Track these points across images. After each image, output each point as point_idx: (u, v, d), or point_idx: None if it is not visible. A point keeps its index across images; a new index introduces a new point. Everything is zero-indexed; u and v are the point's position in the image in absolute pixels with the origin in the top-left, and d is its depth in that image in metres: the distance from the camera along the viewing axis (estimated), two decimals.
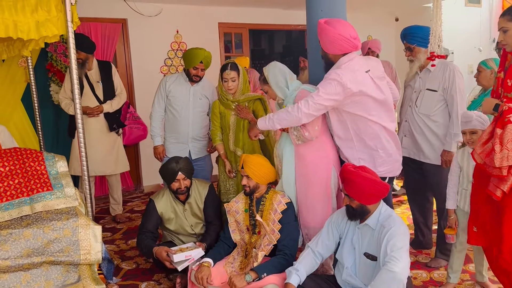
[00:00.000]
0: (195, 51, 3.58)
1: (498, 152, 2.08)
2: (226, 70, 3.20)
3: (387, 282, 2.09)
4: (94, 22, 5.01)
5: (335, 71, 2.53)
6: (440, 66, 3.09)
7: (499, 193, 2.15)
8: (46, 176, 2.98)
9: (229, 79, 3.19)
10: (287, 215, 2.70)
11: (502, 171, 2.09)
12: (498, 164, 2.08)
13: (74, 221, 2.76)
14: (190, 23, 5.60)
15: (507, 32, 2.20)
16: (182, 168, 3.05)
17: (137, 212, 4.74)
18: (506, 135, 2.08)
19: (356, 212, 2.30)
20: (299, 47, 6.53)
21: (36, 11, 2.69)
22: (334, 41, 2.55)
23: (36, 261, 2.65)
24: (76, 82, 2.89)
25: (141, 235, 3.11)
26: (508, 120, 2.08)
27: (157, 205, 3.15)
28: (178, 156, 3.17)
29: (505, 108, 2.12)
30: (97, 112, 4.08)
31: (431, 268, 3.18)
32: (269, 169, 2.79)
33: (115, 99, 4.21)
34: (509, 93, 2.19)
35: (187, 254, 2.84)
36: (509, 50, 2.24)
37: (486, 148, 2.19)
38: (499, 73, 2.32)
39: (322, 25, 2.58)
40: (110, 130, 4.21)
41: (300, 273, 2.37)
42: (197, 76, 3.60)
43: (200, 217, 3.20)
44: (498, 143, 2.10)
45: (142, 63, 5.38)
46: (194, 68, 3.57)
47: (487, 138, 2.20)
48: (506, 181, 2.11)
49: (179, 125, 3.67)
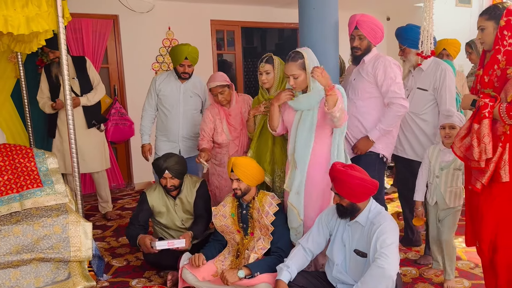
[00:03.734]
0: (178, 47, 3.53)
1: (476, 146, 2.19)
2: (261, 63, 3.05)
3: (376, 278, 2.12)
4: (85, 18, 4.97)
5: (387, 58, 2.92)
6: (433, 65, 3.12)
7: (478, 185, 2.25)
8: (36, 173, 2.96)
9: (263, 72, 3.03)
10: (279, 217, 2.69)
11: (480, 163, 2.19)
12: (477, 157, 2.19)
13: (64, 218, 2.75)
14: (182, 20, 5.58)
15: (484, 30, 2.29)
16: (169, 167, 3.02)
17: (128, 210, 4.72)
18: (482, 130, 2.17)
19: (346, 210, 2.32)
20: (291, 46, 6.52)
21: (27, 6, 2.68)
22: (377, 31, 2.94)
23: (25, 258, 2.63)
24: (66, 78, 2.88)
25: (130, 225, 3.17)
26: (483, 115, 2.17)
27: (149, 198, 3.16)
28: (171, 154, 3.15)
29: (481, 103, 2.20)
30: (74, 105, 3.90)
31: (420, 265, 3.20)
32: (257, 170, 2.77)
33: (91, 92, 4.07)
34: (485, 88, 2.28)
35: (170, 242, 2.88)
36: (486, 49, 2.33)
37: (465, 142, 2.28)
38: (478, 70, 2.39)
39: (370, 17, 2.95)
40: (88, 126, 4.07)
41: (291, 270, 2.39)
42: (185, 73, 3.57)
43: (191, 212, 3.20)
44: (475, 138, 2.19)
45: (133, 60, 5.35)
46: (180, 66, 3.54)
47: (465, 133, 2.30)
48: (484, 174, 2.20)
49: (169, 123, 3.66)
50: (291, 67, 2.65)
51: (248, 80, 7.75)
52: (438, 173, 2.82)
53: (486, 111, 2.17)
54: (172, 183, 3.06)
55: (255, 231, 2.71)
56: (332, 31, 3.04)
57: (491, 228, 2.27)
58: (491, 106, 2.17)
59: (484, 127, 2.17)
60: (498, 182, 2.21)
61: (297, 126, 2.71)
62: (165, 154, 3.15)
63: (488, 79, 2.27)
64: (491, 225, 2.27)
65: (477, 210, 2.33)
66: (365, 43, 2.95)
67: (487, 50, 2.33)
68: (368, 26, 2.92)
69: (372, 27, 2.93)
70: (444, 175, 2.80)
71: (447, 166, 2.79)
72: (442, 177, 2.81)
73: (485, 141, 2.16)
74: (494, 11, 2.25)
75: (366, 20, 2.92)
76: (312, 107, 2.66)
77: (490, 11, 2.27)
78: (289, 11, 6.07)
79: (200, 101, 3.72)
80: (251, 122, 3.20)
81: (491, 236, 2.29)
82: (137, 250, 3.51)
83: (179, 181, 3.10)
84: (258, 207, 2.70)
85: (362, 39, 2.95)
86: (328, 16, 3.00)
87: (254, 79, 7.71)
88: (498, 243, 2.27)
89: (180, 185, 3.15)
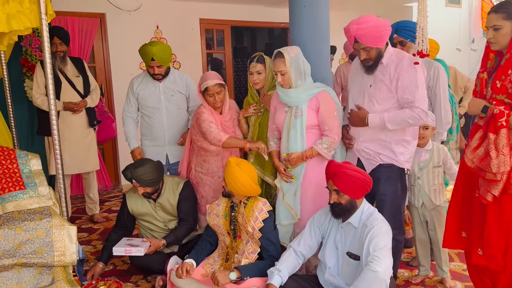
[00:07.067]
0: (143, 48, 3.27)
1: (495, 158, 2.03)
2: (252, 62, 2.97)
3: (370, 282, 2.07)
4: (71, 17, 4.86)
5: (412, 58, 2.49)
6: (424, 64, 3.08)
7: (489, 198, 2.11)
8: (18, 175, 2.87)
9: (255, 72, 2.96)
10: (268, 224, 2.60)
11: (497, 176, 2.05)
12: (496, 170, 2.03)
13: (47, 222, 2.66)
14: (170, 19, 5.50)
15: (499, 30, 2.09)
16: (136, 178, 2.88)
17: (114, 212, 4.62)
18: (500, 140, 2.03)
19: (345, 208, 2.26)
20: (281, 45, 6.51)
21: (7, 3, 2.57)
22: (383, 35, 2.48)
23: (7, 263, 2.54)
24: (50, 77, 2.78)
25: (111, 232, 3.14)
26: (501, 125, 2.03)
27: (128, 201, 3.08)
28: (140, 162, 2.96)
29: (496, 111, 2.05)
30: (83, 107, 3.97)
31: (413, 267, 3.18)
32: (245, 187, 2.56)
33: (93, 94, 4.10)
34: (497, 94, 2.12)
35: (127, 249, 2.82)
36: (497, 49, 2.16)
37: (478, 153, 2.14)
38: (481, 73, 2.26)
39: (366, 23, 2.45)
40: (90, 125, 4.10)
41: (282, 274, 2.33)
42: (156, 74, 3.34)
43: (173, 214, 3.10)
44: (493, 148, 2.04)
45: (120, 59, 5.25)
46: (149, 67, 3.32)
47: (478, 143, 2.15)
48: (497, 185, 2.07)
49: (154, 127, 3.44)
50: (278, 64, 2.67)
51: (238, 80, 7.69)
52: (418, 174, 2.81)
53: (503, 119, 2.02)
54: (143, 190, 2.94)
55: (242, 234, 2.64)
56: (324, 29, 2.99)
57: (501, 239, 2.16)
58: (508, 114, 2.03)
59: (502, 137, 2.02)
60: (507, 193, 2.09)
61: (288, 128, 2.71)
62: (135, 162, 3.00)
63: (500, 84, 2.09)
64: (501, 237, 2.15)
65: (480, 218, 2.24)
66: (374, 52, 2.47)
67: (497, 50, 2.16)
68: (369, 36, 2.42)
69: (374, 35, 2.42)
70: (425, 175, 2.79)
71: (425, 166, 2.79)
72: (423, 177, 2.80)
73: (505, 152, 2.01)
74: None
75: (364, 33, 2.41)
76: (300, 103, 2.67)
77: (507, 9, 2.06)
78: (279, 10, 6.03)
79: (184, 98, 3.51)
80: (243, 124, 3.14)
81: (503, 246, 2.16)
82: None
83: (152, 188, 2.96)
84: (243, 212, 2.61)
85: (368, 50, 2.47)
86: (319, 14, 2.95)
87: (244, 79, 7.67)
88: (507, 261, 2.16)
89: (157, 190, 3.02)
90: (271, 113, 2.89)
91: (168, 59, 3.36)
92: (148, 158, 3.09)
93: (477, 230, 2.26)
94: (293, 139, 2.69)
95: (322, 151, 2.62)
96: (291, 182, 2.73)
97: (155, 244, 2.89)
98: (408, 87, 2.44)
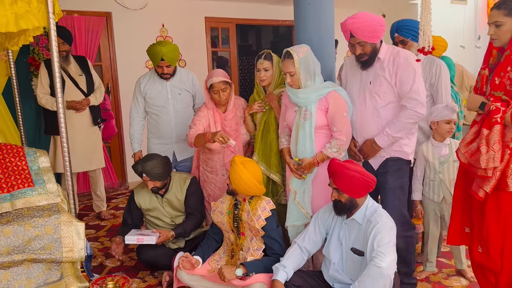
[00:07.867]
0: (153, 48, 3.29)
1: (484, 153, 2.04)
2: (259, 59, 2.98)
3: (374, 278, 2.09)
4: (78, 15, 4.90)
5: (408, 53, 2.59)
6: (427, 61, 3.09)
7: (481, 194, 2.12)
8: (27, 172, 2.90)
9: (262, 69, 2.96)
10: (271, 223, 2.62)
11: (487, 172, 2.06)
12: (484, 165, 2.04)
13: (56, 218, 2.69)
14: (176, 17, 5.52)
15: (501, 27, 2.09)
16: (147, 171, 2.94)
17: (121, 209, 4.66)
18: (492, 136, 2.03)
19: (345, 206, 2.28)
20: (286, 43, 6.50)
21: (16, 3, 2.60)
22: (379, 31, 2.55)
23: (16, 259, 2.58)
24: (58, 76, 2.80)
25: (121, 226, 3.18)
26: (495, 121, 2.03)
27: (136, 196, 3.12)
28: (150, 156, 3.02)
29: (493, 108, 2.05)
30: (86, 105, 4.00)
31: (417, 263, 3.17)
32: (250, 187, 2.59)
33: (97, 92, 4.13)
34: (495, 91, 2.12)
35: (139, 238, 2.85)
36: (499, 45, 2.16)
37: (471, 148, 2.14)
38: (483, 70, 2.25)
39: (362, 18, 2.55)
40: (94, 123, 4.13)
41: (287, 270, 2.36)
42: (165, 74, 3.37)
43: (180, 210, 3.13)
44: (484, 144, 2.05)
45: (126, 58, 5.29)
46: (158, 67, 3.35)
47: (472, 138, 2.16)
48: (489, 182, 2.08)
49: (161, 125, 3.48)
50: (286, 65, 2.64)
51: (243, 78, 7.71)
52: (439, 169, 2.80)
53: (498, 116, 2.02)
54: (153, 185, 2.99)
55: (245, 231, 2.67)
56: (328, 27, 2.99)
57: (499, 238, 2.15)
58: (503, 111, 2.02)
59: (495, 133, 2.02)
60: (504, 191, 2.09)
61: (298, 129, 2.69)
62: (144, 157, 3.05)
63: (499, 81, 2.09)
64: (498, 236, 2.15)
65: (479, 215, 2.24)
66: (368, 47, 2.54)
67: (498, 47, 2.16)
68: (365, 30, 2.49)
69: (369, 30, 2.50)
70: (445, 170, 2.79)
71: (446, 160, 2.78)
72: (444, 172, 2.79)
73: (495, 149, 2.02)
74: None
75: (360, 26, 2.49)
76: (309, 103, 2.63)
77: (509, 6, 2.05)
78: (284, 8, 6.04)
79: (191, 96, 3.54)
80: (249, 121, 3.15)
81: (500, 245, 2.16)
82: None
83: (161, 182, 3.01)
84: (249, 209, 2.63)
85: (363, 45, 2.54)
86: (324, 12, 2.95)
87: (249, 77, 7.68)
88: (504, 262, 2.15)
89: (165, 185, 3.07)
90: (282, 111, 2.88)
91: (177, 58, 3.41)
92: (157, 153, 3.12)
93: (478, 226, 2.27)
94: (302, 141, 2.67)
95: (332, 154, 2.59)
96: (303, 178, 2.71)
97: (164, 234, 2.93)
98: (406, 79, 2.51)
